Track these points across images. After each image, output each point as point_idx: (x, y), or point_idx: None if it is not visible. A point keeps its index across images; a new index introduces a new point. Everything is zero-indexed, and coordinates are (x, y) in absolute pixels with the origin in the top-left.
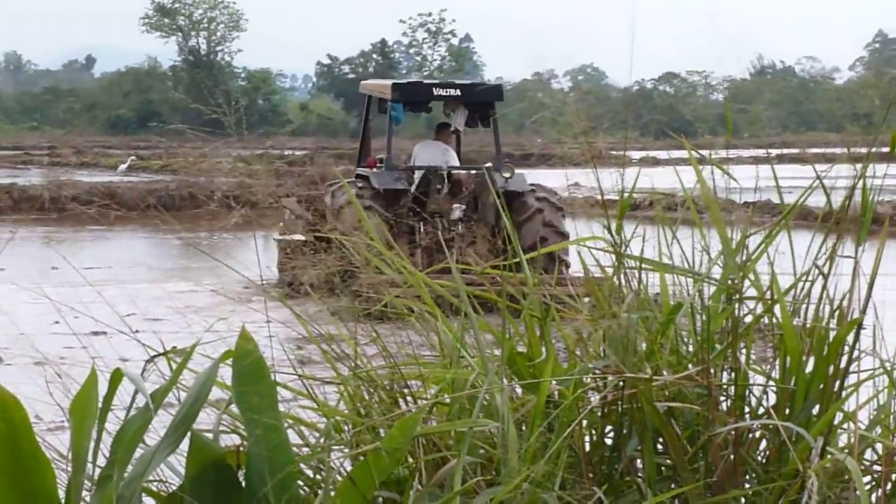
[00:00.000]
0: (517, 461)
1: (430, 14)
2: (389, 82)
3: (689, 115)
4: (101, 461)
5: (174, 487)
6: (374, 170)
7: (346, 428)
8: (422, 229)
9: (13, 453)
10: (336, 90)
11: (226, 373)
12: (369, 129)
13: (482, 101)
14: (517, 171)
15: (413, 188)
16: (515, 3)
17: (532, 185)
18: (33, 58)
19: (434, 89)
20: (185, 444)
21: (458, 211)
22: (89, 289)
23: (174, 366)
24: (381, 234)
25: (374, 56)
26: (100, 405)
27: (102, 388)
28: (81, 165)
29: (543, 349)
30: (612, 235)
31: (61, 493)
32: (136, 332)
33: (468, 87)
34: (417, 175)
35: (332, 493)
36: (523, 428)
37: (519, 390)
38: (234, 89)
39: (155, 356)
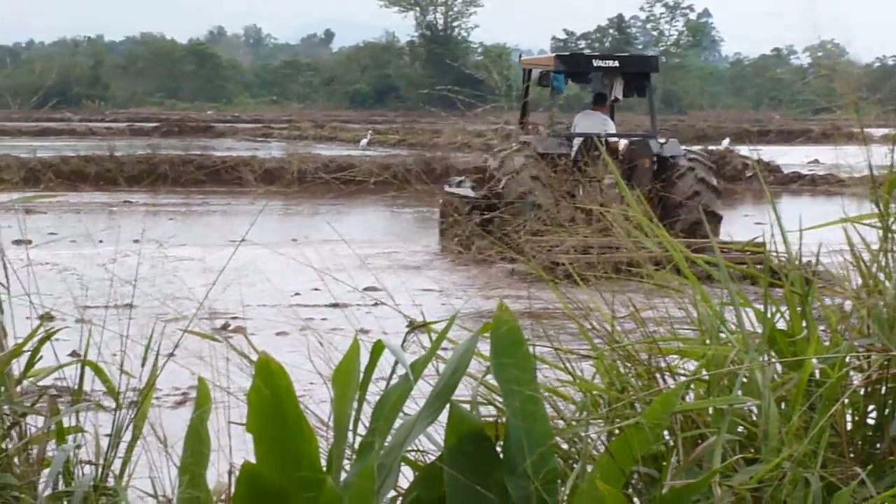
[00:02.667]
0: (778, 440)
1: None
2: (553, 55)
3: None
4: (362, 430)
5: (433, 458)
6: (537, 136)
7: (601, 402)
8: (581, 193)
9: (278, 420)
10: None
11: (482, 345)
12: (528, 100)
13: (638, 72)
14: (672, 138)
15: (573, 153)
16: None
17: (686, 150)
18: (273, 31)
19: (594, 60)
20: (443, 415)
21: (610, 179)
22: (331, 258)
23: (433, 337)
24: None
25: (611, 31)
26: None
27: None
28: (320, 139)
29: (804, 326)
30: (879, 209)
31: (323, 461)
32: (398, 304)
33: (626, 58)
34: (576, 142)
35: (590, 468)
36: (783, 406)
37: (779, 368)
38: (470, 64)
39: (415, 326)
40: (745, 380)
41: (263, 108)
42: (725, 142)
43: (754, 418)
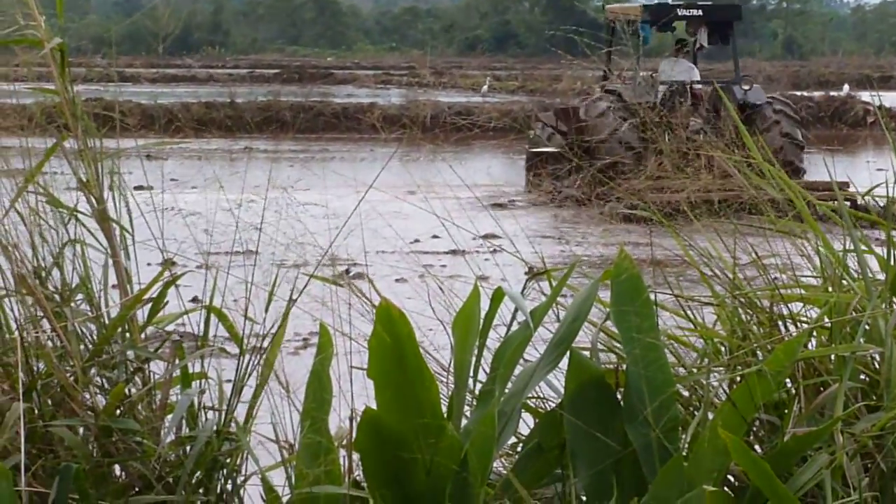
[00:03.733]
0: None
1: None
2: (638, 4)
3: None
4: (482, 377)
5: (553, 405)
6: (624, 84)
7: (723, 349)
8: (667, 139)
9: (399, 366)
10: None
11: (602, 292)
12: (613, 48)
13: (722, 20)
14: (755, 84)
15: (658, 100)
16: None
17: (770, 97)
18: None
19: (678, 10)
20: (563, 362)
21: (697, 123)
22: (451, 205)
23: (552, 283)
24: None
25: None
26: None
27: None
28: (439, 86)
29: None
30: None
31: (443, 407)
32: (517, 251)
33: (709, 7)
34: (661, 89)
35: (711, 415)
36: None
37: None
38: (591, 8)
39: (535, 274)
40: (867, 327)
41: (383, 55)
42: (846, 88)
43: (877, 366)
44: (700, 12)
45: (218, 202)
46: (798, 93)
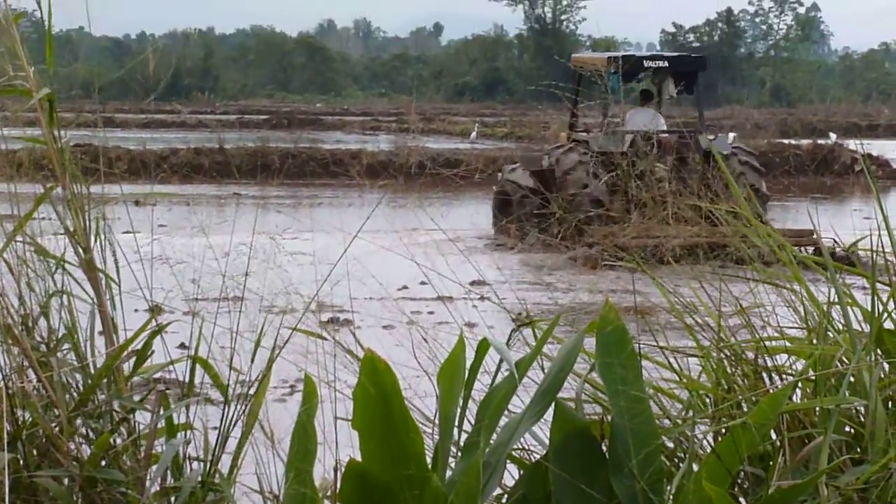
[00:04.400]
0: (885, 440)
1: None
2: (605, 55)
3: None
4: (467, 427)
5: (538, 456)
6: (592, 134)
7: (707, 401)
8: (634, 186)
9: (384, 417)
10: None
11: (587, 341)
12: (579, 99)
13: (687, 71)
14: (720, 134)
15: (625, 149)
16: None
17: (735, 147)
18: (382, 24)
19: (644, 61)
20: (548, 413)
21: (663, 171)
22: (437, 252)
23: (537, 333)
24: (604, 195)
25: (720, 24)
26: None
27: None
28: (428, 132)
29: None
30: None
31: (428, 458)
32: (503, 299)
33: (675, 58)
34: (628, 138)
35: (696, 467)
36: (891, 406)
37: (887, 368)
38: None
39: (520, 325)
40: (852, 380)
41: (372, 101)
42: (832, 136)
43: (861, 419)
44: (665, 63)
45: (205, 250)
46: (786, 140)
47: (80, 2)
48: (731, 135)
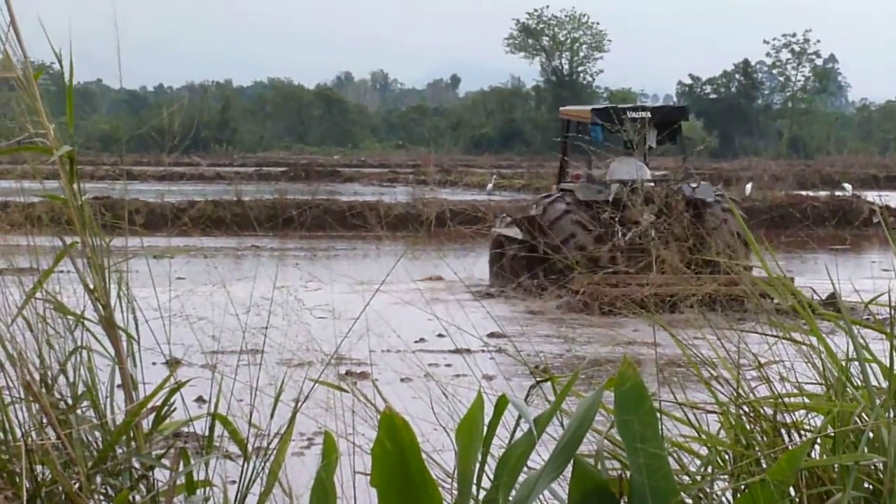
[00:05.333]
0: None
1: (794, 34)
2: (589, 108)
3: None
4: (486, 484)
5: None
6: (578, 184)
7: (726, 457)
8: (619, 235)
9: (402, 473)
10: (697, 110)
11: (606, 396)
12: (567, 149)
13: (669, 121)
14: (703, 182)
15: (611, 198)
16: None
17: (718, 194)
18: (399, 76)
19: (627, 112)
20: (567, 470)
21: (648, 219)
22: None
23: (556, 387)
24: (590, 243)
25: (737, 76)
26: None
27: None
28: (445, 184)
29: None
30: None
31: None
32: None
33: (657, 108)
34: (614, 188)
35: None
36: None
37: None
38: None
39: (539, 382)
40: (870, 436)
41: (390, 153)
42: (847, 187)
43: (880, 475)
44: (648, 114)
45: (226, 305)
46: (804, 192)
47: (99, 55)
48: (749, 185)
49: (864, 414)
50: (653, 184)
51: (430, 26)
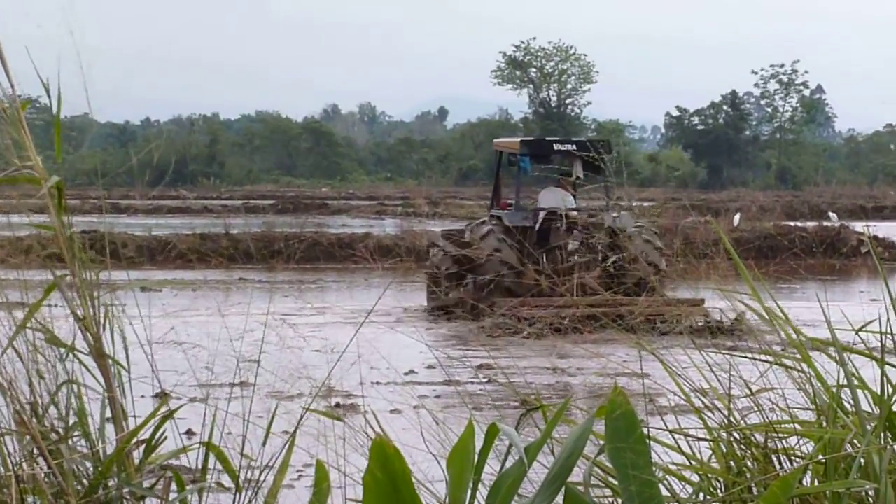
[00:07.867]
0: None
1: (782, 65)
2: (518, 139)
3: None
4: None
5: None
6: (506, 211)
7: (718, 484)
8: (545, 259)
9: (394, 502)
10: (685, 141)
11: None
12: (500, 178)
13: (594, 154)
14: (623, 212)
15: (537, 226)
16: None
17: (638, 225)
18: (387, 109)
19: (554, 144)
20: (559, 497)
21: (572, 245)
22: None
23: (546, 415)
24: (514, 261)
25: (724, 107)
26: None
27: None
28: (434, 216)
29: None
30: None
31: None
32: (511, 381)
33: (582, 142)
34: (541, 216)
35: None
36: None
37: None
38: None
39: (529, 410)
40: (862, 463)
41: (378, 185)
42: (833, 216)
43: (872, 502)
44: (574, 147)
45: (211, 334)
46: (792, 223)
47: (86, 89)
48: (738, 216)
49: (855, 440)
50: (576, 212)
51: (417, 59)
